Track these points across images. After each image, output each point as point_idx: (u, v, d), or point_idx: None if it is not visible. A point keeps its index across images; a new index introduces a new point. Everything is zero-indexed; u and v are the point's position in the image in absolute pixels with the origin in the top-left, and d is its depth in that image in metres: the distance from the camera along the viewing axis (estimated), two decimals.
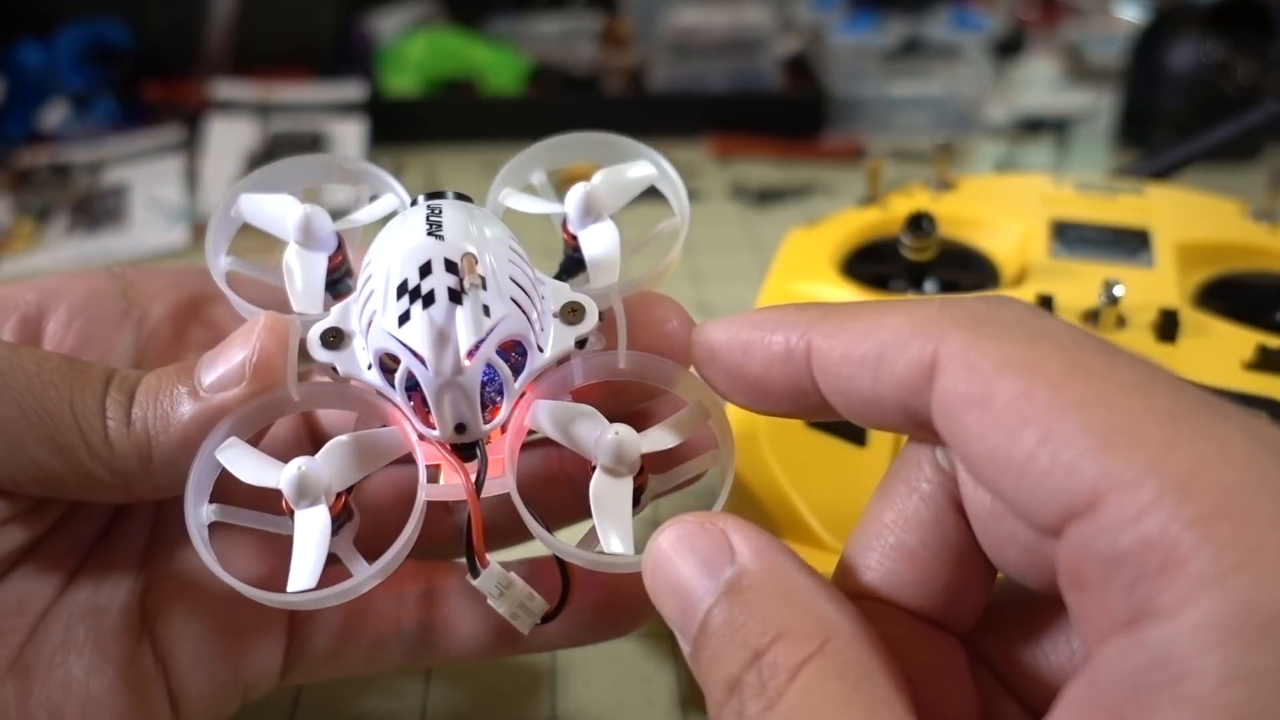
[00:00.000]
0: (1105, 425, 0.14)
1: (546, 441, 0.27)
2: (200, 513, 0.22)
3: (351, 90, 0.79)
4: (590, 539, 0.22)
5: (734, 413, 0.35)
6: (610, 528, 0.22)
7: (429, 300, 0.21)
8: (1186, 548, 0.13)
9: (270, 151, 0.74)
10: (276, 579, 0.21)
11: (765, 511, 0.30)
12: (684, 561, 0.19)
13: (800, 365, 0.20)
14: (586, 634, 0.28)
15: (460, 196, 0.24)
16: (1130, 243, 0.40)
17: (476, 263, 0.21)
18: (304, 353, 0.23)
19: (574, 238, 0.26)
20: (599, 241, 0.25)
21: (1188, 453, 0.14)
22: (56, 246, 0.65)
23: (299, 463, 0.21)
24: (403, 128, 0.80)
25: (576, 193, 0.26)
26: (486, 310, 0.21)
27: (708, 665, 0.18)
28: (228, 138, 0.75)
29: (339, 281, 0.26)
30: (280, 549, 0.22)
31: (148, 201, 0.69)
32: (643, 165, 0.27)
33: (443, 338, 0.20)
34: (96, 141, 0.76)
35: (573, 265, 0.26)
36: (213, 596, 0.25)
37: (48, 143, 0.76)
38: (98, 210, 0.68)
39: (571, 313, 0.23)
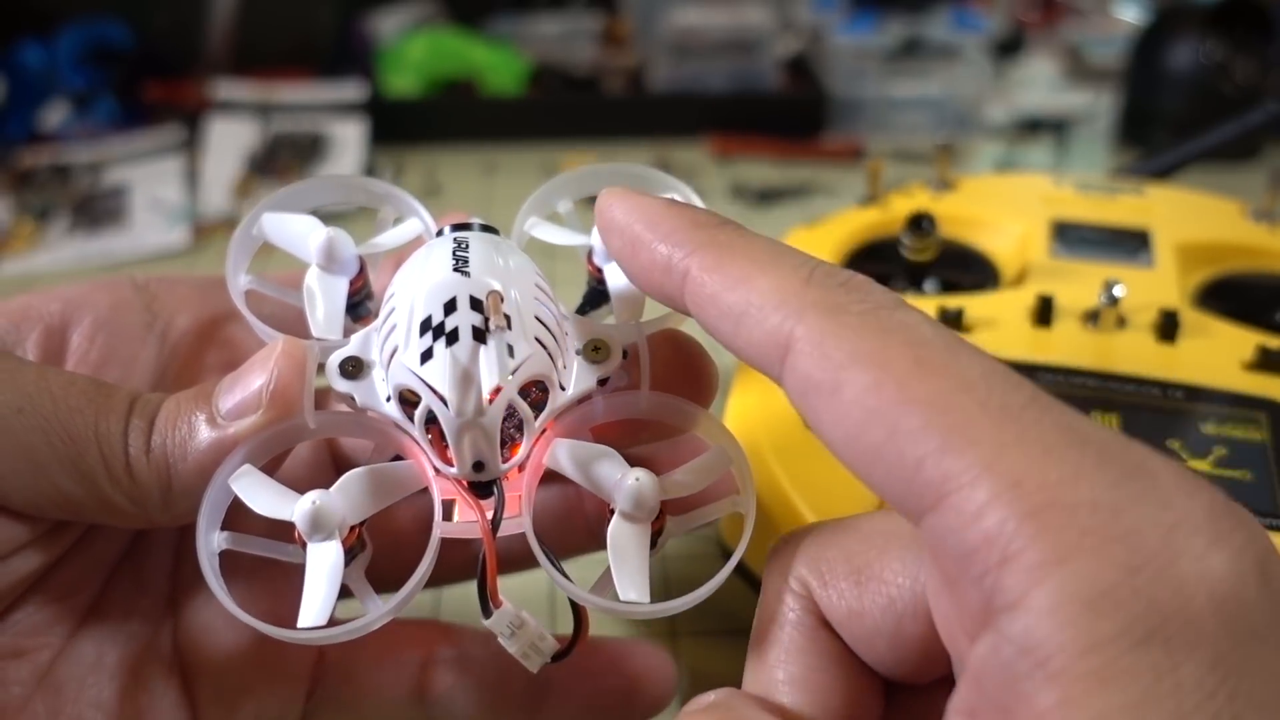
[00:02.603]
0: (945, 424, 0.16)
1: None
2: (212, 541, 0.21)
3: (351, 90, 0.79)
4: (604, 582, 0.22)
5: (734, 413, 0.35)
6: (626, 575, 0.21)
7: (452, 338, 0.20)
8: (1022, 541, 0.14)
9: (271, 151, 0.74)
10: (292, 617, 0.21)
11: (765, 512, 0.30)
12: None
13: (676, 285, 0.20)
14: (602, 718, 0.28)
15: (485, 228, 0.23)
16: (1130, 243, 0.40)
17: (502, 301, 0.21)
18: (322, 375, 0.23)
19: (599, 270, 0.25)
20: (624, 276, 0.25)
21: (1017, 452, 0.15)
22: (57, 247, 0.65)
23: (313, 496, 0.21)
24: (403, 128, 0.80)
25: None
26: (511, 350, 0.20)
27: None
28: (228, 138, 0.75)
29: (359, 304, 0.25)
30: (296, 586, 0.21)
31: (148, 202, 0.69)
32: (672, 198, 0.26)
33: (466, 378, 0.20)
34: (97, 141, 0.76)
35: (596, 298, 0.26)
36: (240, 633, 0.25)
37: (48, 143, 0.76)
38: (98, 210, 0.68)
39: (595, 351, 0.23)
